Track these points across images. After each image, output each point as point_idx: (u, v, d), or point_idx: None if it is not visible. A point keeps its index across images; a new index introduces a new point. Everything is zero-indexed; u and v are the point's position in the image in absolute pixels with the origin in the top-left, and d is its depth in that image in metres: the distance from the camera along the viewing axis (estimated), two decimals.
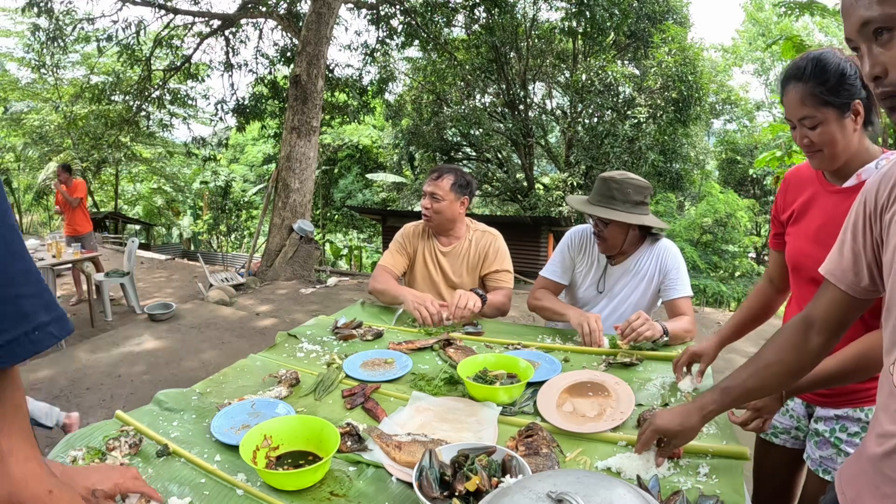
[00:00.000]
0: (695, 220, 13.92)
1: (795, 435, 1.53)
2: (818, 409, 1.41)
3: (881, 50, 0.67)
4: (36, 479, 0.57)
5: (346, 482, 1.07)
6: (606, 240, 2.01)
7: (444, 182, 2.28)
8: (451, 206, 2.31)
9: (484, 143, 15.03)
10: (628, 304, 2.08)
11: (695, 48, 13.17)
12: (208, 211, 24.12)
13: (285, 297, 7.08)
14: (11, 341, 0.53)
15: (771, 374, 1.03)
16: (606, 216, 1.94)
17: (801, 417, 1.51)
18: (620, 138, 13.08)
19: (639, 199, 1.96)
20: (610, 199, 1.96)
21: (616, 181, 1.96)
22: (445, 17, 11.63)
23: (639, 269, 2.07)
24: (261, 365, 1.67)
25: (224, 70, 12.19)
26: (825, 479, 1.36)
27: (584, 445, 1.20)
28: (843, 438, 1.34)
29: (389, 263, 2.42)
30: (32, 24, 10.96)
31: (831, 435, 1.36)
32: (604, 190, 1.98)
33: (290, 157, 8.65)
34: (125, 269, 6.11)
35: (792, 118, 1.22)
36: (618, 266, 2.09)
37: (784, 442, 1.56)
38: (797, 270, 1.41)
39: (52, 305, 0.56)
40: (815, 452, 1.40)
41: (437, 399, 1.41)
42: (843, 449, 1.34)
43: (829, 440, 1.37)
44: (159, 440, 1.20)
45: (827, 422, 1.38)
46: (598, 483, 0.66)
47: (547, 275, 2.19)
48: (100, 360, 4.30)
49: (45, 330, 0.55)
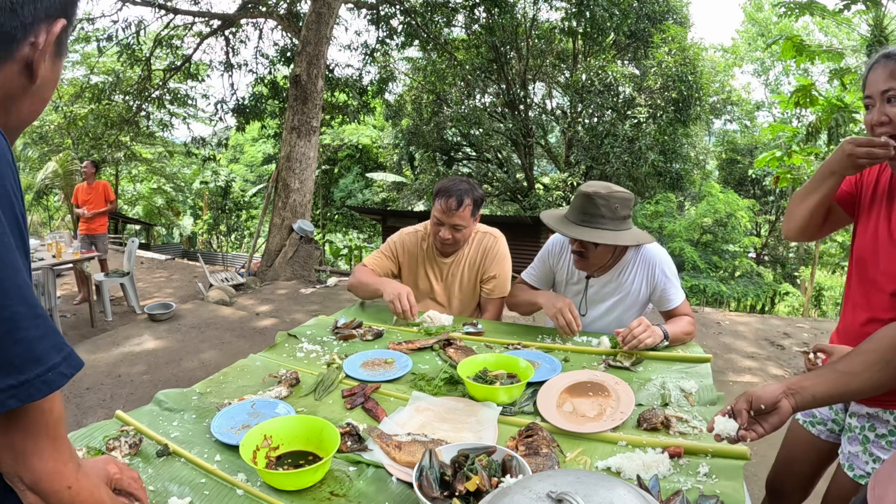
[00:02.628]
0: (695, 220, 13.92)
1: (832, 428, 1.54)
2: (853, 405, 1.41)
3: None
4: (56, 477, 0.62)
5: (346, 482, 1.07)
6: (589, 259, 1.88)
7: (466, 211, 2.12)
8: (471, 228, 2.23)
9: (484, 143, 15.03)
10: (614, 317, 2.00)
11: (695, 48, 13.18)
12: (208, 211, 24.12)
13: (285, 297, 7.08)
14: (25, 383, 0.57)
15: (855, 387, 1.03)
16: (598, 240, 1.79)
17: (839, 411, 1.51)
18: (620, 138, 13.08)
19: (625, 213, 1.84)
20: (598, 218, 1.81)
21: (602, 197, 1.81)
22: (445, 17, 11.63)
23: (623, 281, 1.95)
24: (261, 365, 1.67)
25: (224, 70, 12.19)
26: (849, 475, 1.37)
27: (584, 445, 1.20)
28: (871, 438, 1.34)
29: (372, 263, 2.35)
30: None
31: (860, 432, 1.37)
32: (589, 208, 1.82)
33: (290, 157, 8.65)
34: (125, 269, 6.11)
35: (874, 93, 1.21)
36: (599, 279, 1.99)
37: (819, 433, 1.56)
38: (862, 264, 1.36)
39: (62, 345, 0.60)
40: (846, 447, 1.41)
41: (437, 399, 1.41)
42: (869, 449, 1.34)
43: (858, 437, 1.37)
44: (159, 440, 1.20)
45: (859, 418, 1.39)
46: (598, 483, 0.66)
47: (525, 278, 2.15)
48: (100, 360, 4.30)
49: (57, 371, 0.59)
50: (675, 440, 1.19)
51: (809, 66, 10.07)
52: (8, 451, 0.60)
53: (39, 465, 0.61)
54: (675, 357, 1.68)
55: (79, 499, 0.65)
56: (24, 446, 0.61)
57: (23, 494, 0.63)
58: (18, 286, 0.56)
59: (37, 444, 0.61)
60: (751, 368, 4.38)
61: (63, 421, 0.66)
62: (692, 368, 1.60)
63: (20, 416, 0.60)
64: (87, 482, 0.67)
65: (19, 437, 0.60)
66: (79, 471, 0.66)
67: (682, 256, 13.03)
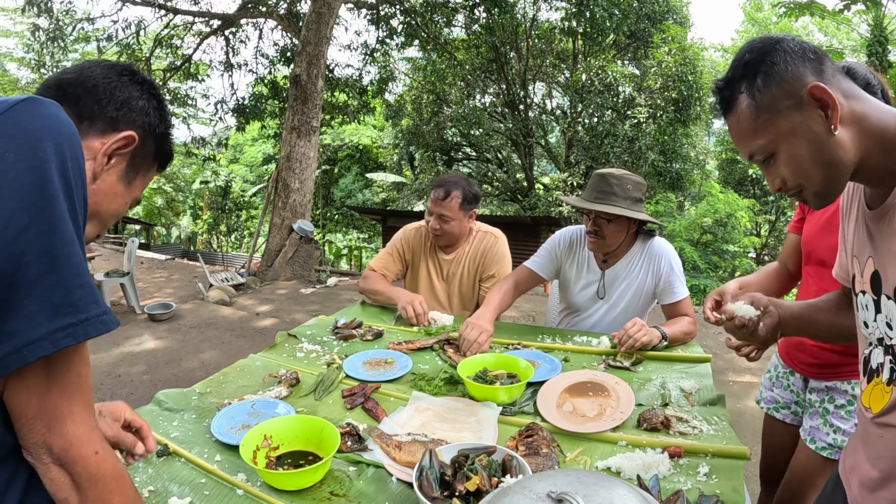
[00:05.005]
0: (695, 220, 13.91)
1: (795, 410, 1.62)
2: (811, 381, 1.51)
3: (773, 168, 0.85)
4: (86, 441, 0.64)
5: (346, 482, 1.07)
6: (606, 238, 1.94)
7: (453, 202, 2.20)
8: (460, 223, 2.26)
9: (484, 143, 15.02)
10: (622, 307, 2.04)
11: (695, 48, 13.16)
12: (208, 211, 24.12)
13: (285, 297, 7.08)
14: (85, 321, 0.61)
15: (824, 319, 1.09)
16: (612, 211, 1.85)
17: (799, 391, 1.59)
18: (620, 138, 13.07)
19: (637, 195, 1.92)
20: (610, 196, 1.88)
21: (615, 177, 1.90)
22: (445, 17, 11.62)
23: (630, 272, 2.01)
24: (261, 365, 1.67)
25: (224, 70, 12.19)
26: (811, 448, 1.44)
27: (584, 445, 1.20)
28: (830, 410, 1.42)
29: (382, 268, 2.38)
30: (32, 24, 10.96)
31: (820, 405, 1.45)
32: (603, 186, 1.90)
33: (290, 157, 8.65)
34: (125, 269, 6.11)
35: None
36: (610, 269, 2.04)
37: (784, 417, 1.65)
38: (809, 254, 1.51)
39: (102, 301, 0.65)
40: (807, 423, 1.49)
41: (437, 399, 1.41)
42: (830, 420, 1.41)
43: (818, 410, 1.45)
44: (159, 440, 1.19)
45: (819, 392, 1.47)
46: (598, 483, 0.66)
47: (531, 266, 2.14)
48: (100, 360, 4.30)
49: (109, 315, 0.65)
50: (675, 440, 1.19)
51: None
52: (42, 417, 0.62)
53: (73, 429, 0.63)
54: (676, 357, 1.68)
55: (104, 466, 0.66)
56: (61, 408, 0.62)
57: (46, 468, 0.63)
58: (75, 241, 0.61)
59: (72, 407, 0.63)
60: (751, 368, 4.37)
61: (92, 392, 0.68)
62: (692, 368, 1.60)
63: (63, 377, 0.63)
64: (110, 453, 0.69)
65: (57, 398, 0.62)
66: (103, 441, 0.68)
67: (682, 256, 13.02)
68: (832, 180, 0.81)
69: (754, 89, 0.81)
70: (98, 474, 0.65)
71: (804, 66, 0.79)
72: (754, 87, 0.81)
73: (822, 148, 0.79)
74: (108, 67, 0.80)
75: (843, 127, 0.78)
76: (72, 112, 0.71)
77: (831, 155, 0.79)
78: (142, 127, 0.80)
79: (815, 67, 0.79)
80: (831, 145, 0.78)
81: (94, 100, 0.76)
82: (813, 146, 0.79)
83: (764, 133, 0.82)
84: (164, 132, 0.85)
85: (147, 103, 0.81)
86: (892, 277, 0.79)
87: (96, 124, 0.76)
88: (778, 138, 0.81)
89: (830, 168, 0.80)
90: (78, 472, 0.64)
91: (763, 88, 0.80)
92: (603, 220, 1.92)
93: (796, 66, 0.79)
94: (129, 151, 0.79)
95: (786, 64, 0.79)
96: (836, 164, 0.79)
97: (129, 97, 0.79)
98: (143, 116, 0.80)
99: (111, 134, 0.76)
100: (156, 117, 0.82)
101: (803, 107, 0.78)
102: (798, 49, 0.80)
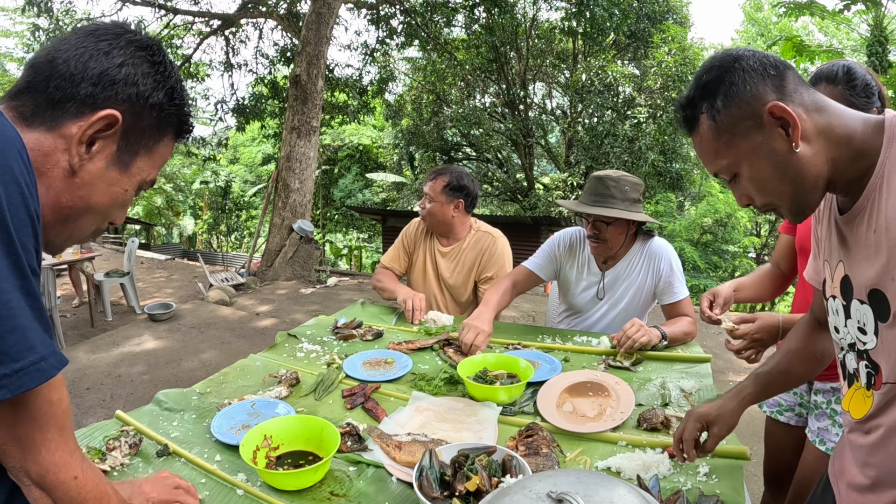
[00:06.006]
0: (695, 220, 13.93)
1: (799, 412, 1.62)
2: (816, 383, 1.51)
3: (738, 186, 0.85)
4: (63, 467, 0.63)
5: (346, 482, 1.07)
6: (606, 241, 1.93)
7: (437, 184, 2.26)
8: (443, 208, 2.27)
9: (484, 143, 15.01)
10: (622, 308, 2.03)
11: (695, 48, 13.15)
12: (208, 211, 24.12)
13: (285, 297, 7.08)
14: (20, 371, 0.55)
15: (798, 358, 1.09)
16: (611, 214, 1.85)
17: (803, 393, 1.60)
18: (620, 138, 13.06)
19: (635, 196, 1.91)
20: (608, 198, 1.88)
21: (613, 179, 1.89)
22: (445, 17, 11.63)
23: (630, 272, 2.01)
24: (261, 365, 1.67)
25: (224, 70, 12.19)
26: (821, 449, 1.44)
27: (584, 445, 1.20)
28: (838, 410, 1.42)
29: (389, 262, 2.46)
30: (32, 24, 10.96)
31: (827, 406, 1.45)
32: (600, 189, 1.90)
33: (290, 157, 8.65)
34: (125, 269, 6.11)
35: None
36: (610, 270, 2.04)
37: (788, 420, 1.65)
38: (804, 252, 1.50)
39: (48, 342, 0.59)
40: (814, 424, 1.48)
41: (437, 399, 1.41)
42: (838, 420, 1.42)
43: (826, 412, 1.45)
44: (159, 440, 1.20)
45: (825, 394, 1.47)
46: (598, 483, 0.66)
47: (529, 266, 2.14)
48: (100, 360, 4.30)
49: (52, 359, 0.58)
50: None
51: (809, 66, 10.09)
52: (15, 444, 0.60)
53: (48, 456, 0.61)
54: (676, 357, 1.68)
55: (85, 489, 0.65)
56: (32, 438, 0.60)
57: (28, 489, 0.63)
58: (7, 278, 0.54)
59: (45, 435, 0.61)
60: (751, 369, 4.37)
61: (70, 412, 0.65)
62: (692, 368, 1.60)
63: (29, 407, 0.59)
64: (91, 473, 0.67)
65: (28, 428, 0.60)
66: (84, 461, 0.67)
67: (682, 256, 13.03)
68: (801, 196, 0.81)
69: (714, 110, 0.80)
70: (80, 498, 0.64)
71: (764, 84, 0.78)
72: (714, 109, 0.80)
73: (785, 166, 0.78)
74: (86, 34, 0.66)
75: (807, 142, 0.77)
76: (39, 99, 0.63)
77: (795, 172, 0.78)
78: (128, 101, 0.66)
79: (776, 84, 0.78)
80: (794, 162, 0.78)
81: (66, 79, 0.63)
82: (775, 165, 0.79)
83: (725, 154, 0.82)
84: (166, 98, 0.70)
85: (134, 70, 0.66)
86: (863, 281, 0.79)
87: (68, 107, 0.63)
88: (739, 159, 0.81)
89: (796, 184, 0.79)
90: (59, 496, 0.63)
91: (723, 110, 0.79)
92: (602, 224, 1.92)
93: (755, 84, 0.78)
94: (116, 132, 0.66)
95: (744, 84, 0.78)
96: (802, 181, 0.79)
97: (107, 68, 0.65)
98: (129, 87, 0.66)
99: (88, 115, 0.64)
100: (149, 83, 0.68)
101: (763, 126, 0.78)
102: (758, 66, 0.79)
